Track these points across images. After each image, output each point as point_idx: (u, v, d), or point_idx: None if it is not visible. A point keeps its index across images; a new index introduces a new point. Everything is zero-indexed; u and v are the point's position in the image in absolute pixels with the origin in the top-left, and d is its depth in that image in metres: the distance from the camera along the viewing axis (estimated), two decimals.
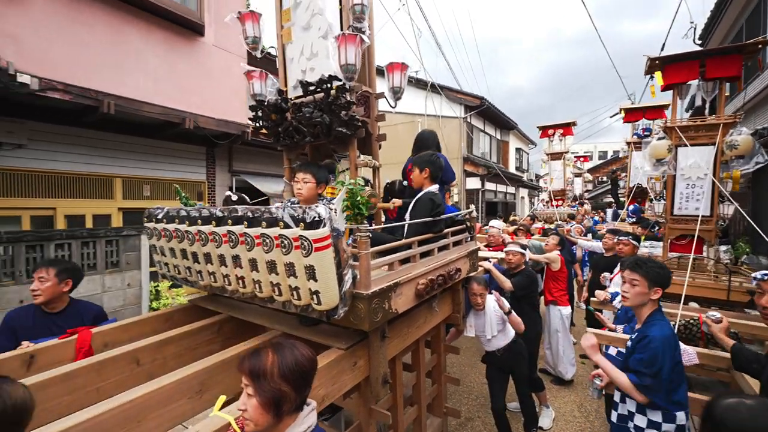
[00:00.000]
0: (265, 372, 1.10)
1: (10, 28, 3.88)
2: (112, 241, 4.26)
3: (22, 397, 1.03)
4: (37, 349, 1.98)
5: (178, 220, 2.23)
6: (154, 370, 2.07)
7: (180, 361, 2.20)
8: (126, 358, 1.95)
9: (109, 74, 4.70)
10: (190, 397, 1.66)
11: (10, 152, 4.60)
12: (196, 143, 6.56)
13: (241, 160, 7.48)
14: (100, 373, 1.85)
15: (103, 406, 1.39)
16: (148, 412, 1.52)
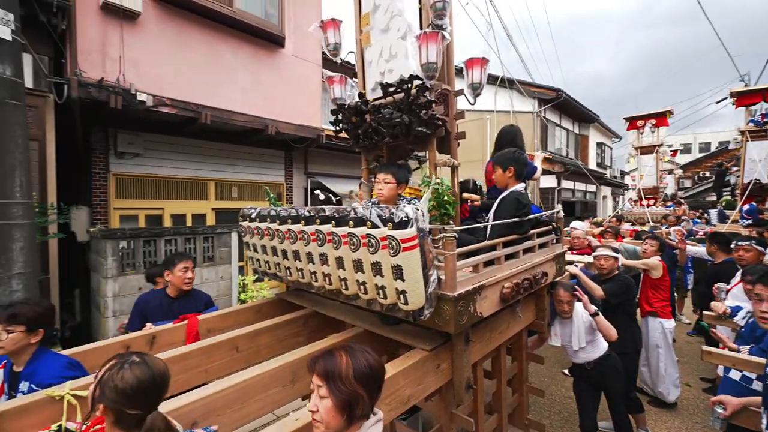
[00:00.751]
0: (340, 373, 1.08)
1: (133, 54, 4.53)
2: (208, 238, 4.75)
3: (163, 368, 1.17)
4: (158, 331, 2.27)
5: (270, 219, 2.40)
6: (250, 357, 2.25)
7: (271, 350, 2.37)
8: (228, 344, 2.15)
9: (206, 88, 5.26)
10: (284, 385, 1.77)
11: (130, 160, 5.37)
12: (276, 148, 7.05)
13: (315, 162, 7.87)
14: (208, 356, 2.05)
15: (218, 386, 1.54)
16: (250, 395, 1.64)
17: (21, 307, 1.78)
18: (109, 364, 1.13)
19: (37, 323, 1.78)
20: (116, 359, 1.14)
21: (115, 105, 4.30)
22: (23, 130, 2.73)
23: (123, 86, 4.39)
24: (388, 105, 2.52)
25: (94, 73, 4.25)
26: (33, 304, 1.86)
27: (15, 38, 2.61)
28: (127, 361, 1.13)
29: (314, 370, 1.14)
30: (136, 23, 4.57)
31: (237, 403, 1.60)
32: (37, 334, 1.78)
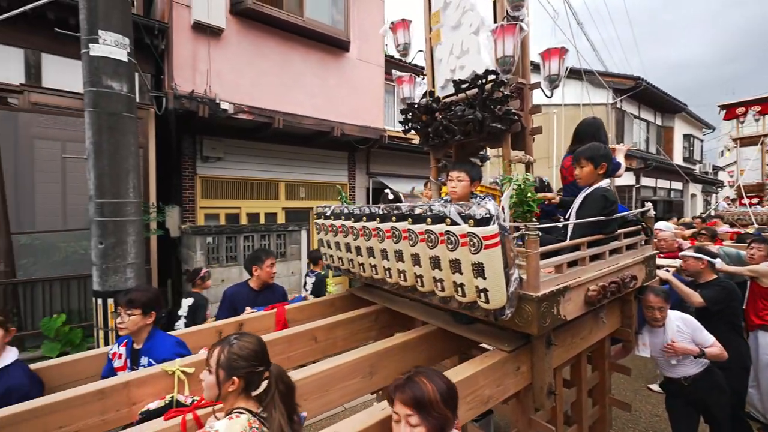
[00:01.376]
0: (430, 400, 1.10)
1: (217, 67, 4.99)
2: (281, 235, 5.07)
3: (263, 343, 1.30)
4: (246, 318, 2.48)
5: (344, 216, 2.50)
6: (327, 348, 2.37)
7: (346, 343, 2.47)
8: (307, 335, 2.28)
9: (278, 94, 5.62)
10: (363, 376, 1.83)
11: (214, 164, 5.91)
12: (340, 149, 7.31)
13: (377, 162, 8.02)
14: (290, 344, 2.20)
15: (304, 372, 1.64)
16: (332, 383, 1.73)
17: (136, 293, 2.05)
18: (217, 349, 1.26)
19: (149, 306, 2.04)
20: (219, 344, 1.27)
21: (202, 114, 4.77)
22: (135, 139, 3.14)
23: (209, 96, 4.85)
24: (460, 102, 2.49)
25: (186, 86, 4.75)
26: (144, 290, 2.12)
27: (129, 59, 3.02)
28: (231, 339, 1.28)
29: (399, 399, 1.13)
30: (220, 39, 5.02)
31: (321, 390, 1.69)
32: (150, 316, 2.04)
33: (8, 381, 1.75)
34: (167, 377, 1.78)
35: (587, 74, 12.16)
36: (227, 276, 4.63)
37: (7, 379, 1.77)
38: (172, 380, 1.78)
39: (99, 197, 2.95)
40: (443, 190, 3.10)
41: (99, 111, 2.91)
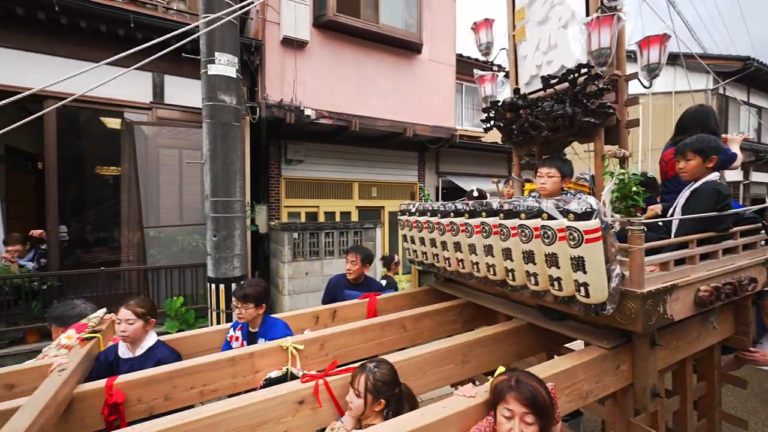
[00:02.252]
0: (544, 402, 1.23)
1: (301, 76, 5.42)
2: (357, 232, 5.35)
3: (394, 369, 1.58)
4: (339, 306, 2.72)
5: (430, 213, 2.61)
6: (415, 337, 2.50)
7: (432, 333, 2.58)
8: (397, 323, 2.43)
9: (354, 99, 5.93)
10: (456, 364, 1.93)
11: (296, 166, 6.42)
12: (410, 149, 7.46)
13: (446, 162, 8.03)
14: (382, 331, 2.37)
15: (405, 354, 1.79)
16: (427, 368, 1.85)
17: (249, 289, 2.32)
18: (362, 377, 1.49)
19: (261, 300, 2.32)
20: (362, 372, 1.51)
21: (289, 120, 5.23)
22: (241, 145, 3.59)
23: (295, 104, 5.30)
24: (548, 98, 2.47)
25: (275, 95, 5.24)
26: (255, 285, 2.36)
27: (237, 75, 3.46)
28: (372, 368, 1.51)
29: (515, 398, 1.25)
30: (304, 50, 5.46)
31: (418, 373, 1.82)
32: (262, 308, 2.32)
33: (157, 355, 2.13)
34: (282, 352, 2.05)
35: (685, 58, 10.89)
36: (310, 269, 5.02)
37: (156, 354, 2.15)
38: (286, 354, 2.05)
39: (213, 196, 3.42)
40: (526, 187, 3.07)
41: (214, 122, 3.37)
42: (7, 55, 4.06)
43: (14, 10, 3.88)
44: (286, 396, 1.53)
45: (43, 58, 4.20)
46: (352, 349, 2.26)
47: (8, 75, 4.03)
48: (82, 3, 4.11)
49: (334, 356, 2.21)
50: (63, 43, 4.24)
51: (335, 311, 2.72)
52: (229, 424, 1.41)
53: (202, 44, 3.33)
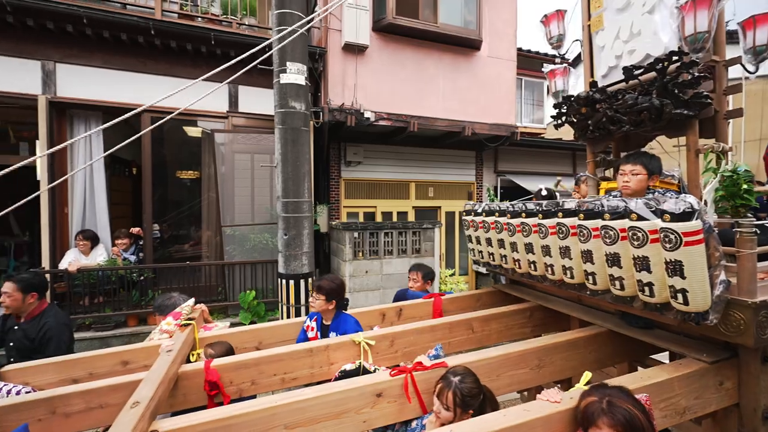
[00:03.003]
0: (643, 427, 1.16)
1: (361, 80, 5.57)
2: (416, 232, 5.37)
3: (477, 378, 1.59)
4: (405, 305, 2.76)
5: (498, 213, 2.56)
6: (483, 339, 2.47)
7: (500, 336, 2.53)
8: (465, 324, 2.42)
9: (412, 99, 5.96)
10: (531, 368, 1.88)
11: (355, 167, 6.60)
12: (468, 148, 7.32)
13: (506, 160, 7.77)
14: (450, 330, 2.37)
15: (477, 355, 1.78)
16: (501, 370, 1.82)
17: (324, 282, 2.43)
18: (449, 393, 1.50)
19: (332, 295, 2.40)
20: (447, 386, 1.52)
21: (350, 123, 5.40)
22: (308, 148, 3.78)
23: (355, 108, 5.46)
24: (630, 89, 2.30)
25: (337, 100, 5.44)
26: (331, 280, 2.46)
27: (306, 82, 3.66)
28: (456, 382, 1.52)
29: (608, 424, 1.16)
30: (364, 55, 5.60)
31: (491, 375, 1.79)
32: (332, 303, 2.41)
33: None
34: (354, 346, 2.14)
35: None
36: (370, 268, 5.14)
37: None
38: (358, 349, 2.13)
39: (284, 197, 3.63)
40: (602, 185, 2.88)
41: (285, 127, 3.59)
42: (112, 76, 4.66)
43: (119, 36, 4.44)
44: (365, 388, 1.59)
45: (139, 77, 4.76)
46: (421, 347, 2.29)
47: (113, 93, 4.63)
48: (172, 25, 4.59)
49: (403, 353, 2.26)
50: (156, 62, 4.78)
51: (401, 309, 2.77)
52: (315, 410, 1.51)
53: (275, 55, 3.56)
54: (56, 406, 1.64)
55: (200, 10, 5.29)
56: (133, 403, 1.39)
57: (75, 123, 4.69)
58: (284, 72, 3.52)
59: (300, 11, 3.59)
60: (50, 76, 4.38)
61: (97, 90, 4.59)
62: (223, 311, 4.87)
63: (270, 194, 5.23)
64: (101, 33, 4.37)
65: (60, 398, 1.65)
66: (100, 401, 1.70)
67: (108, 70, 4.64)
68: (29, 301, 2.50)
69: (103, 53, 4.57)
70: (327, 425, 1.53)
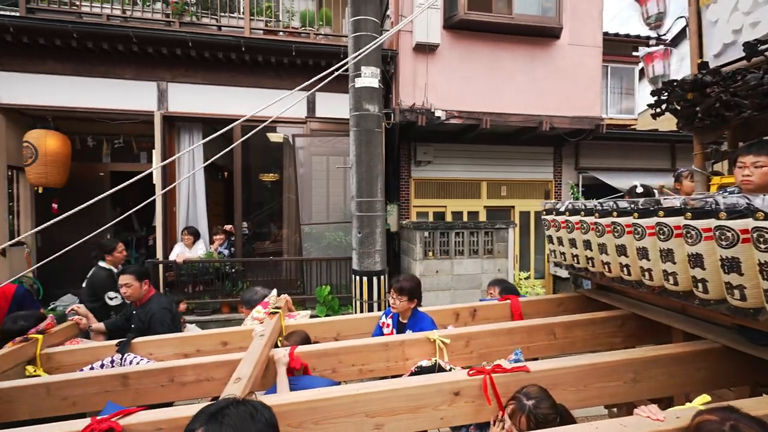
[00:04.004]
0: None
1: (432, 79, 5.56)
2: (488, 233, 5.21)
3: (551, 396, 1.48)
4: (479, 306, 2.70)
5: (584, 212, 2.37)
6: (565, 346, 2.31)
7: (585, 344, 2.35)
8: (546, 329, 2.29)
9: (485, 96, 5.78)
10: (625, 382, 1.71)
11: (424, 167, 6.60)
12: (545, 144, 6.89)
13: (588, 156, 7.16)
14: (529, 335, 2.26)
15: (563, 362, 1.68)
16: (589, 381, 1.69)
17: (405, 283, 2.48)
18: (523, 417, 1.41)
19: (413, 295, 2.45)
20: (520, 409, 1.42)
21: (420, 123, 5.42)
22: (381, 149, 3.89)
23: (426, 107, 5.46)
24: (752, 68, 1.98)
25: (408, 100, 5.50)
26: (410, 280, 2.51)
27: (379, 85, 3.77)
28: (530, 406, 1.41)
29: None
30: (435, 53, 5.58)
31: (578, 385, 1.68)
32: (413, 302, 2.46)
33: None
34: (429, 344, 2.14)
35: None
36: (441, 268, 5.10)
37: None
38: (432, 347, 2.13)
39: (359, 197, 3.78)
40: (713, 181, 2.52)
41: (360, 129, 3.74)
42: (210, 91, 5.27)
43: (217, 55, 5.02)
44: (442, 386, 1.60)
45: (232, 90, 5.32)
46: (498, 350, 2.22)
47: (211, 105, 5.24)
48: (259, 41, 5.06)
49: (479, 354, 2.21)
50: (245, 76, 5.30)
51: (475, 310, 2.71)
52: (394, 402, 1.55)
53: (350, 61, 3.72)
54: (174, 375, 1.91)
55: (282, 24, 5.74)
56: (235, 379, 1.56)
57: (181, 133, 5.40)
58: (359, 76, 3.66)
59: (374, 17, 3.70)
60: (163, 94, 5.10)
61: (198, 104, 5.23)
62: (301, 304, 5.21)
63: (343, 194, 5.47)
64: (203, 53, 4.97)
65: (177, 369, 1.92)
66: (207, 375, 1.94)
67: (207, 85, 5.26)
68: (144, 287, 2.90)
69: (204, 71, 5.19)
70: (404, 418, 1.57)
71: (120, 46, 4.76)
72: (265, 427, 0.98)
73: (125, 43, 4.73)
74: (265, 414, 1.01)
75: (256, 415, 0.98)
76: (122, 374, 1.85)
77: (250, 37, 5.13)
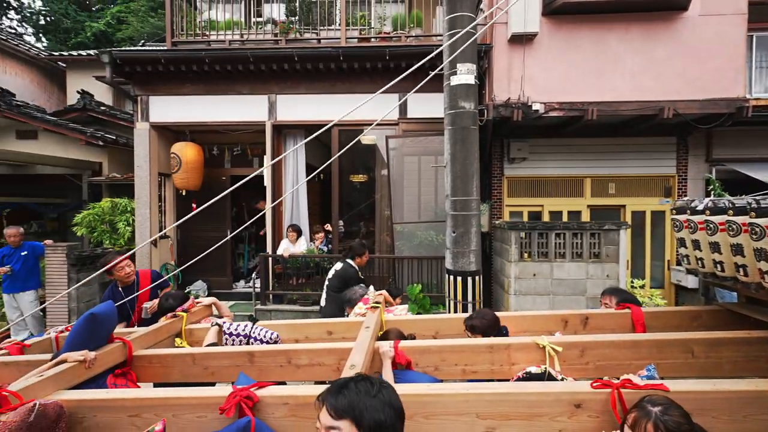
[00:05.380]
0: None
1: (529, 71, 5.24)
2: (595, 234, 4.72)
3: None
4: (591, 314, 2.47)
5: (734, 210, 2.01)
6: (708, 368, 1.99)
7: (735, 366, 1.99)
8: (681, 345, 2.00)
9: (590, 84, 5.25)
10: None
11: (518, 164, 6.26)
12: (664, 134, 6.00)
13: (725, 145, 6.03)
14: (659, 350, 2.00)
15: (709, 385, 1.46)
16: (751, 411, 1.43)
17: (476, 321, 2.31)
18: (648, 424, 1.22)
19: (487, 332, 2.27)
20: (645, 416, 1.23)
21: (516, 118, 5.15)
22: (476, 147, 3.79)
23: (522, 101, 5.17)
24: None
25: (502, 95, 5.27)
26: (482, 317, 2.33)
27: (475, 81, 3.68)
28: (658, 413, 1.23)
29: None
30: (532, 43, 5.25)
31: (736, 413, 1.43)
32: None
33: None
34: (537, 350, 2.02)
35: None
36: (538, 271, 4.79)
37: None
38: (541, 353, 2.01)
39: (453, 195, 3.74)
40: None
41: (455, 128, 3.70)
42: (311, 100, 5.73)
43: (318, 66, 5.43)
44: (561, 395, 1.50)
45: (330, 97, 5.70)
46: (619, 363, 2.01)
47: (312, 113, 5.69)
48: (354, 50, 5.34)
49: (595, 366, 2.03)
50: (342, 83, 5.64)
51: (587, 318, 2.49)
52: (506, 406, 1.50)
53: (446, 59, 3.70)
54: (291, 357, 2.10)
55: (374, 31, 5.97)
56: (350, 366, 1.67)
57: (287, 139, 5.97)
58: (454, 74, 3.63)
59: (470, 12, 3.63)
60: (273, 106, 5.70)
61: (301, 112, 5.72)
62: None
63: (435, 193, 5.47)
64: (306, 66, 5.42)
65: (293, 352, 2.11)
66: (319, 360, 2.10)
67: (308, 95, 5.73)
68: None
69: (306, 82, 5.67)
70: (517, 425, 1.50)
71: (239, 66, 5.45)
72: (382, 405, 1.03)
73: (243, 63, 5.40)
74: (384, 393, 1.06)
75: (372, 390, 1.05)
76: (249, 352, 2.09)
77: (346, 46, 5.44)
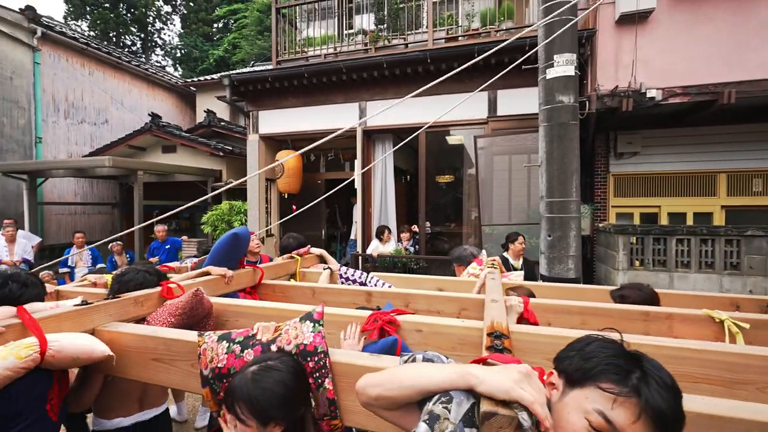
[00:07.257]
0: None
1: (642, 54, 4.62)
2: (732, 241, 3.96)
3: None
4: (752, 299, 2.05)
5: None
6: None
7: None
8: None
9: (724, 62, 4.42)
10: None
11: (628, 160, 5.56)
12: None
13: None
14: None
15: None
16: None
17: (626, 290, 2.09)
18: None
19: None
20: None
21: (625, 108, 4.57)
22: (577, 144, 3.48)
23: (633, 88, 4.58)
24: None
25: (608, 84, 4.73)
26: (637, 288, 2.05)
27: (576, 72, 3.38)
28: None
29: None
30: (647, 22, 4.61)
31: None
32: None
33: None
34: (711, 324, 1.68)
35: None
36: (654, 281, 4.17)
37: None
38: (716, 329, 1.66)
39: (549, 197, 3.50)
40: None
41: (551, 124, 3.45)
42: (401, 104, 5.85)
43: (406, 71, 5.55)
44: None
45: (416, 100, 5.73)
46: None
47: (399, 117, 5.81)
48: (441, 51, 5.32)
49: None
50: None
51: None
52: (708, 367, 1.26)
53: (541, 51, 3.47)
54: (409, 302, 2.01)
55: (461, 29, 5.86)
56: (491, 300, 1.59)
57: (376, 143, 6.21)
58: (551, 66, 3.39)
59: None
60: (363, 112, 5.98)
61: (389, 117, 5.88)
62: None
63: (527, 194, 5.16)
64: (394, 71, 5.58)
65: (411, 296, 2.04)
66: (438, 307, 1.97)
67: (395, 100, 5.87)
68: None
69: (394, 87, 5.82)
70: (716, 390, 1.26)
71: (333, 77, 5.85)
72: None
73: (337, 74, 5.78)
74: None
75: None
76: (367, 291, 2.13)
77: (434, 48, 5.44)
